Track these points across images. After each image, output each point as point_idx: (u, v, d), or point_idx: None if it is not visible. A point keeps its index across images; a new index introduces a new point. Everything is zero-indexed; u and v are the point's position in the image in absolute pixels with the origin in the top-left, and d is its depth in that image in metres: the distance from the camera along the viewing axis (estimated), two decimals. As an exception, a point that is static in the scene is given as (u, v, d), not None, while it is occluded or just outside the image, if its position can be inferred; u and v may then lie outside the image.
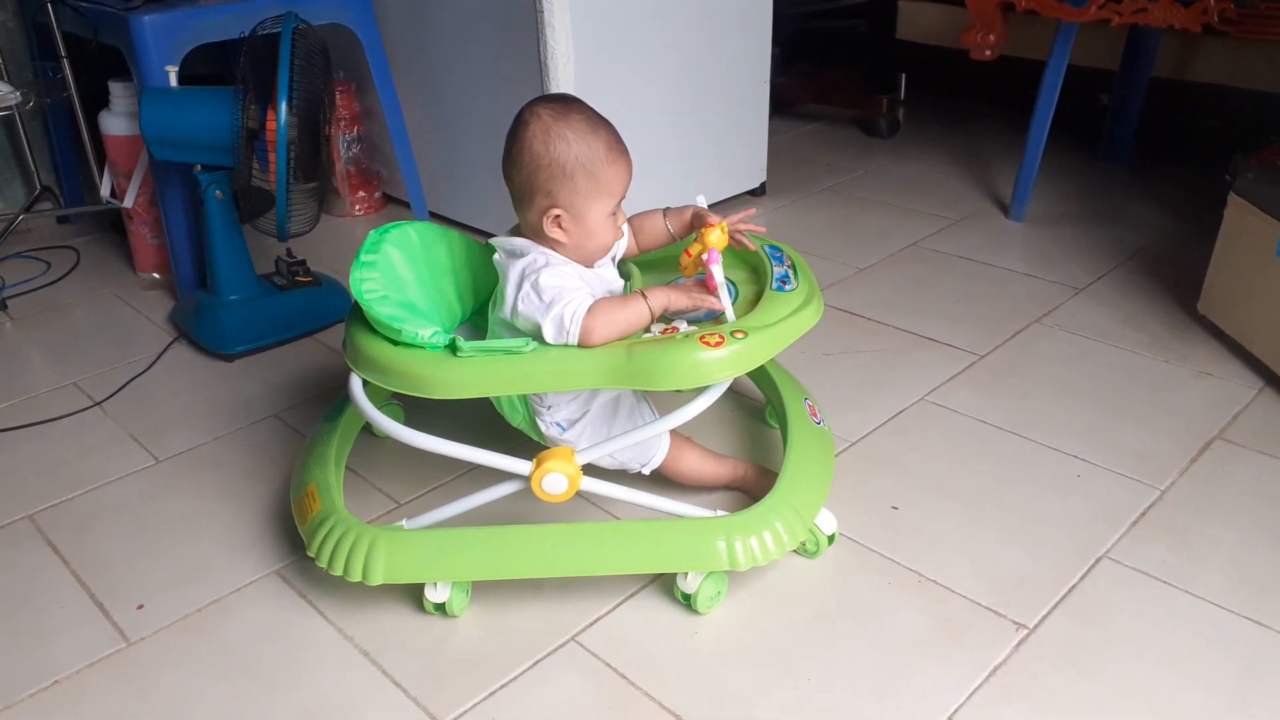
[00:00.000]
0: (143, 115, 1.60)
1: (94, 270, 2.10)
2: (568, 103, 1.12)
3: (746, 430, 1.50)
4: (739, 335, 1.06)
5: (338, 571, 1.09)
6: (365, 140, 2.33)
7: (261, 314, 1.75)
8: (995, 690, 1.03)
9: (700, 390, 1.10)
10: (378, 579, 1.08)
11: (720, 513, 1.15)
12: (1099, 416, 1.49)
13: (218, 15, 1.78)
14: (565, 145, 1.09)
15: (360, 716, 1.03)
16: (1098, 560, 1.20)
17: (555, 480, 1.09)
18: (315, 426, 1.36)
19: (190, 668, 1.10)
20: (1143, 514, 1.28)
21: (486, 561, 1.08)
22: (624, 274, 1.23)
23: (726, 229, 1.15)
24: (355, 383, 1.17)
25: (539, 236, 1.14)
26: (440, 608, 1.12)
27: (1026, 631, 1.10)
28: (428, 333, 1.07)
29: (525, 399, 1.20)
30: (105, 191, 1.99)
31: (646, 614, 1.14)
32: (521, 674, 1.07)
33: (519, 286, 1.09)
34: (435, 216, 2.25)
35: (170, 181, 1.80)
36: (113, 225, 2.23)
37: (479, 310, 1.31)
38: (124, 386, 1.65)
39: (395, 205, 2.41)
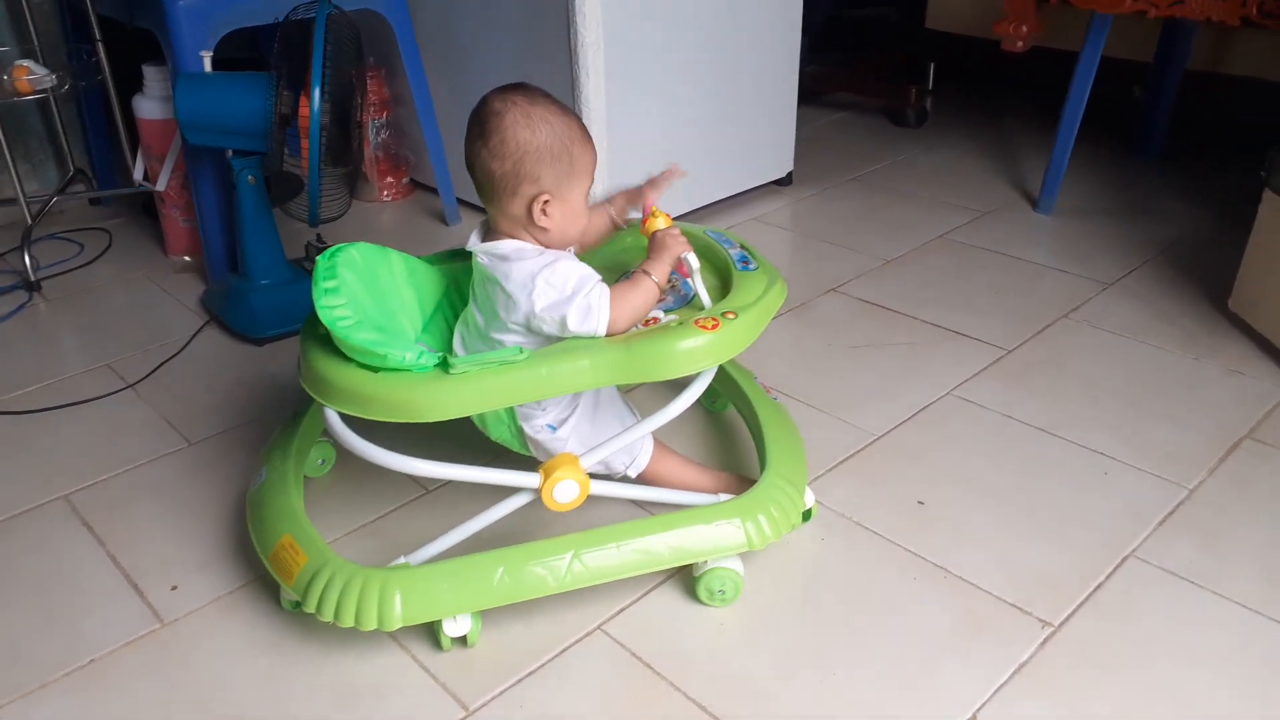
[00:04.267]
0: (177, 100, 1.62)
1: (126, 253, 2.12)
2: (530, 88, 1.10)
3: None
4: (730, 316, 1.07)
5: (347, 623, 1.03)
6: (394, 126, 2.34)
7: (291, 299, 1.76)
8: (1020, 687, 1.03)
9: (678, 389, 1.11)
10: (395, 624, 1.03)
11: (724, 497, 1.16)
12: (1127, 414, 1.48)
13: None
14: (549, 127, 1.08)
15: (389, 700, 1.04)
16: (1124, 559, 1.20)
17: (567, 488, 1.09)
18: (255, 475, 1.26)
19: (223, 648, 1.12)
20: (1170, 513, 1.28)
21: (509, 585, 1.05)
22: None
23: (667, 217, 1.18)
24: (333, 417, 1.10)
25: (521, 230, 1.11)
26: (461, 640, 1.09)
27: (1052, 629, 1.10)
28: (412, 354, 1.03)
29: (511, 408, 1.17)
30: (138, 174, 2.01)
31: (673, 604, 1.15)
32: (548, 662, 1.08)
33: (530, 285, 1.06)
34: (462, 203, 2.25)
35: (202, 165, 1.81)
36: (144, 208, 2.25)
37: (425, 328, 1.26)
38: (156, 369, 1.67)
39: (423, 191, 2.42)
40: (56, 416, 1.55)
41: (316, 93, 1.55)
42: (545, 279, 1.06)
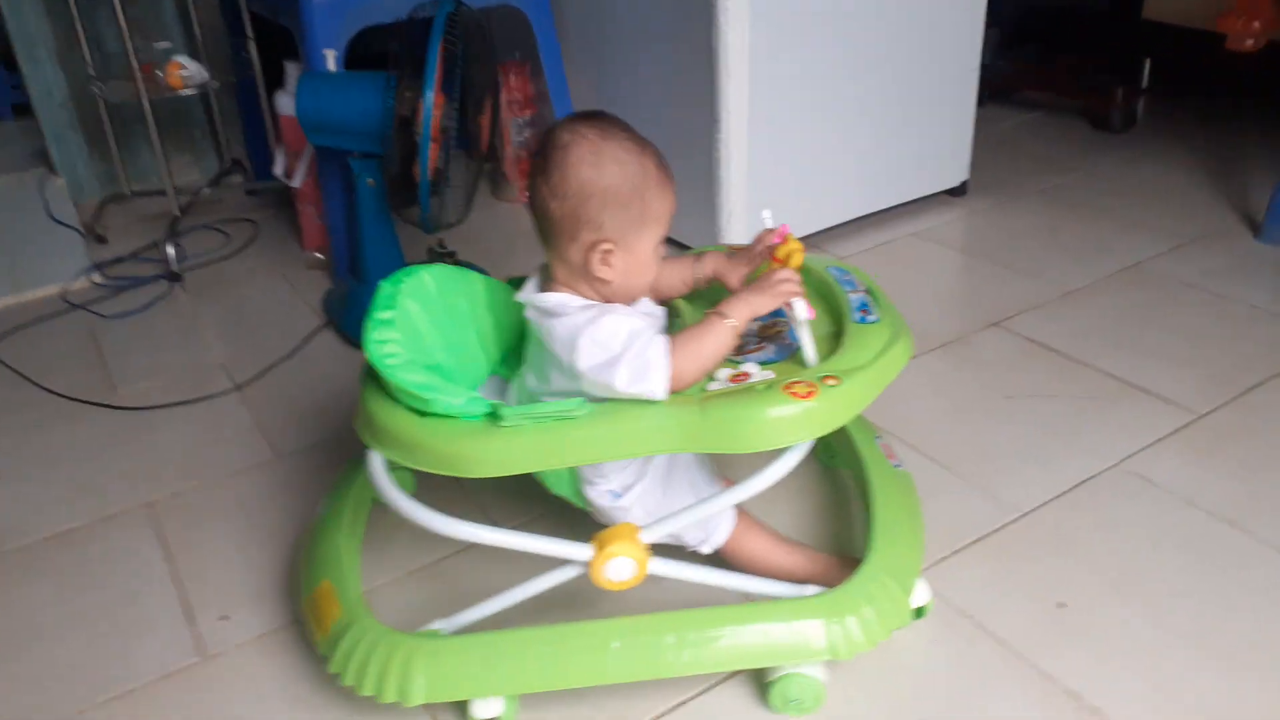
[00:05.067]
0: (298, 99, 1.58)
1: (267, 245, 2.14)
2: (607, 119, 0.96)
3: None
4: (830, 382, 0.89)
5: (368, 691, 0.94)
6: (538, 124, 2.25)
7: (404, 306, 1.70)
8: None
9: (771, 452, 0.93)
10: (417, 699, 0.92)
11: (811, 589, 0.98)
12: (1352, 512, 1.18)
13: (386, -4, 1.73)
14: (619, 168, 0.93)
15: (408, 782, 0.94)
16: (1328, 715, 0.94)
17: (621, 566, 0.94)
18: (318, 506, 1.20)
19: (257, 695, 1.05)
20: (1400, 656, 1.00)
21: (545, 670, 0.93)
22: (669, 313, 1.08)
23: (799, 248, 1.00)
24: (376, 462, 1.00)
25: (579, 279, 0.98)
26: None
27: (1215, 805, 0.87)
28: (460, 400, 0.93)
29: (573, 467, 1.04)
30: (278, 169, 2.01)
31: (739, 705, 0.99)
32: (585, 763, 0.95)
33: (573, 345, 0.92)
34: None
35: (329, 165, 1.78)
36: (290, 201, 2.27)
37: (504, 359, 1.15)
38: (264, 372, 1.65)
39: (564, 191, 2.32)
40: (160, 416, 1.55)
41: (429, 95, 1.47)
42: (590, 336, 0.92)
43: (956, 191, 2.14)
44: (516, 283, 1.19)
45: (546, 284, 1.01)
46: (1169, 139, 2.35)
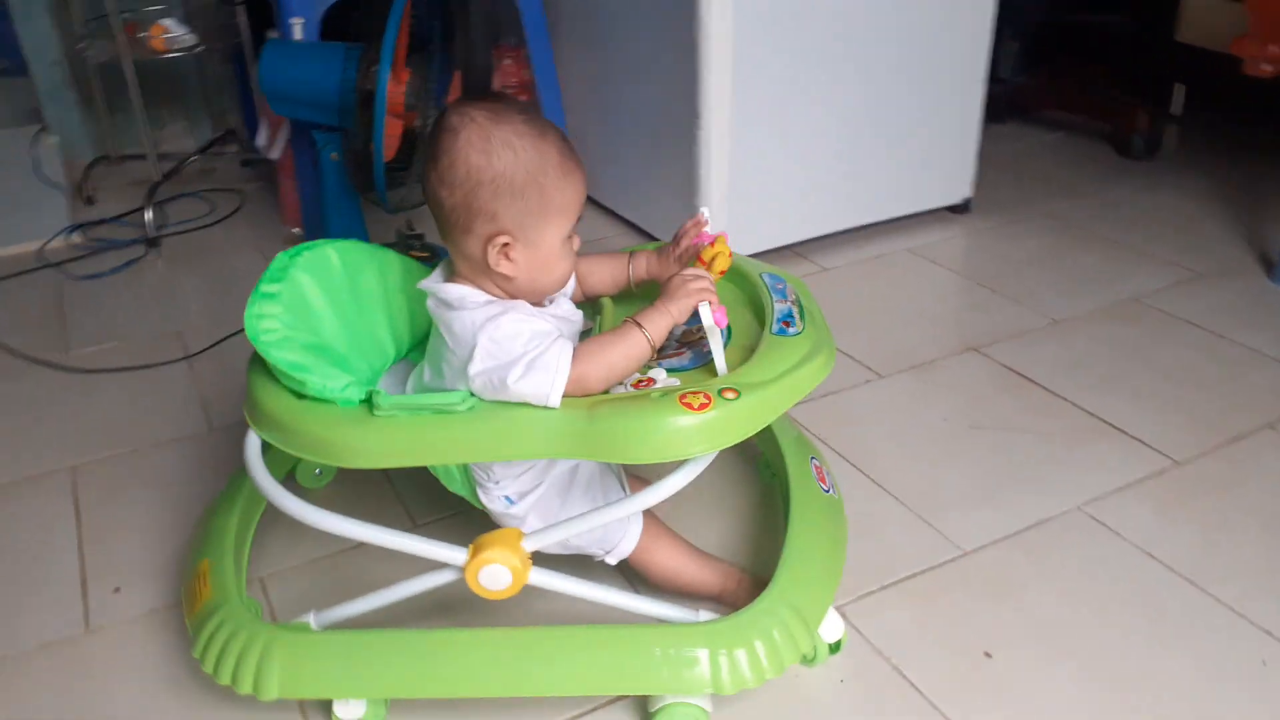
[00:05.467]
0: (261, 68, 1.54)
1: (250, 217, 2.11)
2: (503, 102, 0.90)
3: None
4: (729, 395, 0.82)
5: (224, 681, 0.89)
6: (536, 109, 2.20)
7: (365, 285, 1.66)
8: None
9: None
10: (270, 694, 0.87)
11: (704, 614, 0.91)
12: (1322, 578, 1.09)
13: (365, -33, 1.69)
14: (511, 154, 0.86)
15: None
16: (1258, 800, 0.86)
17: (495, 574, 0.88)
18: (221, 487, 1.14)
19: (131, 673, 1.01)
20: (1349, 742, 0.91)
21: (406, 676, 0.88)
22: (592, 310, 1.02)
23: (727, 252, 0.94)
24: (252, 444, 0.95)
25: (480, 274, 0.91)
26: None
27: None
28: (339, 384, 0.88)
29: (465, 466, 0.98)
30: (260, 140, 1.98)
31: (620, 733, 0.93)
32: (448, 783, 0.89)
33: (472, 342, 0.85)
34: (592, 204, 2.08)
35: (301, 139, 1.75)
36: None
37: (417, 345, 1.10)
38: (218, 343, 1.61)
39: (558, 181, 2.26)
40: (105, 380, 1.52)
41: (385, 69, 1.42)
42: (489, 336, 0.85)
43: (959, 209, 2.06)
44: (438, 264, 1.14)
45: (452, 276, 0.95)
46: (1194, 169, 2.24)
